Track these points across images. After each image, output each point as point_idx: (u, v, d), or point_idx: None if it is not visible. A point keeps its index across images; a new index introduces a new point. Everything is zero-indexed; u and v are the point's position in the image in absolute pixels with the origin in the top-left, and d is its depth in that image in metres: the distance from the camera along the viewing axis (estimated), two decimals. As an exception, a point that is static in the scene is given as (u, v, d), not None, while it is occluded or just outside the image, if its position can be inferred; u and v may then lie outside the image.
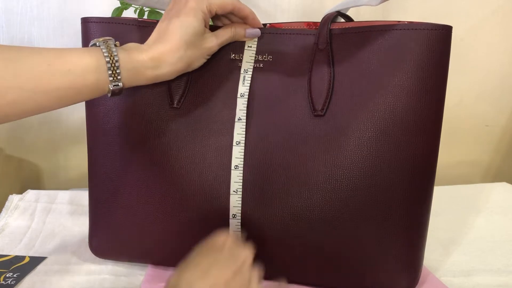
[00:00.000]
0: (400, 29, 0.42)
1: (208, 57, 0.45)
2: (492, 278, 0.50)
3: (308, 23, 0.47)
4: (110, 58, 0.38)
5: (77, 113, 0.86)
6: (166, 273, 0.49)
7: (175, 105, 0.46)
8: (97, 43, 0.39)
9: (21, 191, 0.73)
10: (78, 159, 0.89)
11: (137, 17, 0.73)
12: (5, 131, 0.87)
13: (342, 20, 0.49)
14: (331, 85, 0.44)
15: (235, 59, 0.46)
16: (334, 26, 0.45)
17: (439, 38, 0.41)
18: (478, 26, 0.85)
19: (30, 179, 0.90)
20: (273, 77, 0.45)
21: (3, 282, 0.49)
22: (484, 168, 0.96)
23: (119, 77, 0.38)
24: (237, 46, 0.47)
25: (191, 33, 0.41)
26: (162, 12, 0.69)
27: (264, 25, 0.48)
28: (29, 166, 0.90)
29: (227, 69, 0.47)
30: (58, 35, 0.84)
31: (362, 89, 0.43)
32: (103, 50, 0.38)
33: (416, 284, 0.47)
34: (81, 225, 0.63)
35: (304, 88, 0.44)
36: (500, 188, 0.76)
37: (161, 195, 0.47)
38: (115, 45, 0.39)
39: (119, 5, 0.71)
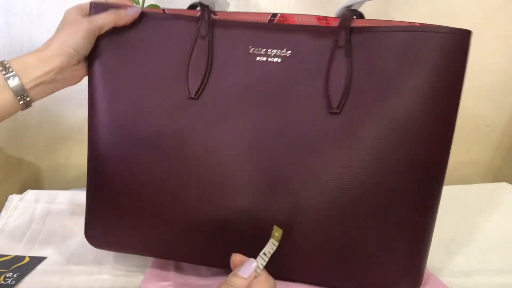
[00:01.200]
0: (419, 31, 0.42)
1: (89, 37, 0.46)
2: (492, 278, 0.50)
3: (318, 17, 0.47)
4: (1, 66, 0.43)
5: (78, 113, 0.86)
6: (167, 272, 0.49)
7: (193, 96, 0.46)
8: None
9: (21, 191, 0.73)
10: (78, 159, 0.89)
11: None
12: (5, 131, 0.87)
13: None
14: (349, 83, 0.44)
15: (253, 53, 0.46)
16: (353, 24, 0.45)
17: (456, 42, 0.42)
18: (478, 26, 0.85)
19: (30, 179, 0.90)
20: (290, 72, 0.45)
21: (3, 282, 0.49)
22: (484, 168, 0.96)
23: (11, 70, 0.43)
24: (255, 40, 0.47)
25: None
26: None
27: (275, 15, 0.48)
28: (29, 166, 0.89)
29: (246, 62, 0.46)
30: (58, 35, 0.84)
31: (379, 88, 0.43)
32: None
33: (419, 286, 0.47)
34: (81, 225, 0.62)
35: (321, 85, 0.44)
36: (500, 188, 0.76)
37: (168, 185, 0.46)
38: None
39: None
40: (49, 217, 0.65)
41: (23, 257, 0.55)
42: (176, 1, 0.86)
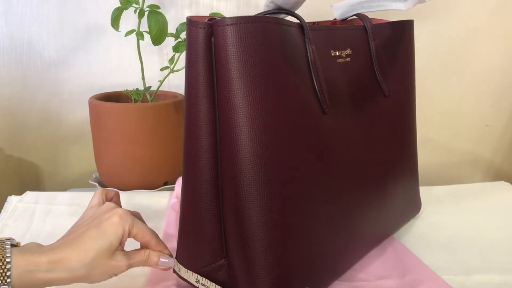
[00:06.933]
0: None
1: (114, 276, 0.42)
2: (493, 276, 0.51)
3: (332, 22, 0.54)
4: (1, 261, 0.36)
5: (78, 113, 0.86)
6: (169, 273, 0.49)
7: (325, 111, 0.43)
8: None
9: (21, 191, 0.73)
10: (78, 159, 0.89)
11: (137, 17, 0.73)
12: (5, 131, 0.87)
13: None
14: (387, 69, 0.53)
15: (334, 55, 0.47)
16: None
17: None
18: (478, 26, 0.86)
19: (30, 179, 0.90)
20: (356, 68, 0.50)
21: (4, 282, 0.49)
22: (484, 168, 0.96)
23: (8, 280, 0.36)
24: (330, 42, 0.47)
25: (104, 247, 0.40)
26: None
27: (314, 23, 0.51)
28: (29, 166, 0.89)
29: (332, 65, 0.46)
30: (58, 35, 0.84)
31: (404, 73, 0.56)
32: None
33: (419, 209, 0.64)
34: (81, 226, 0.62)
35: (373, 74, 0.52)
36: (499, 188, 0.76)
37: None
38: (13, 245, 0.38)
39: (119, 5, 0.71)
40: (49, 218, 0.65)
41: (23, 258, 0.55)
42: (176, 1, 0.86)
